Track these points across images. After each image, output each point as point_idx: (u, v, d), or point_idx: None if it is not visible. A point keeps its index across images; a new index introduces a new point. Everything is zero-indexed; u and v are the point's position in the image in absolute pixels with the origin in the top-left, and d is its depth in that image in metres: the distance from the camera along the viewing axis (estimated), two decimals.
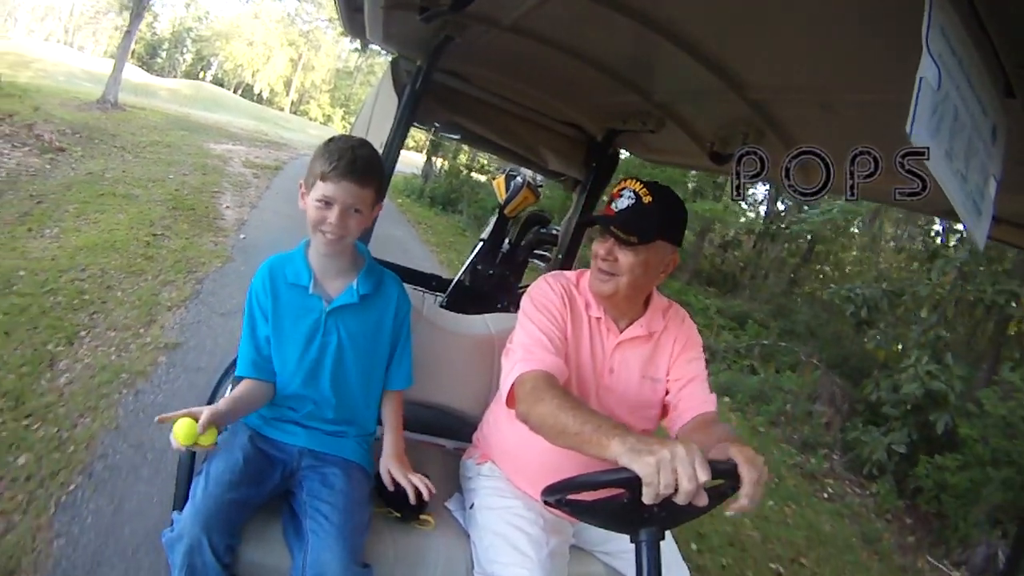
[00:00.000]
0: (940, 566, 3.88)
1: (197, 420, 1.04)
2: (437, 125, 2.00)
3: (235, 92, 37.12)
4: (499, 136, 2.03)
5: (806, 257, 9.22)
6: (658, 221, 1.17)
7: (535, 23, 1.37)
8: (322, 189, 1.13)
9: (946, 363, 4.57)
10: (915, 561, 3.89)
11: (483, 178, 12.54)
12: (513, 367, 1.13)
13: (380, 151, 1.50)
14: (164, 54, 43.58)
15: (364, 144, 1.20)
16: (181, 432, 1.02)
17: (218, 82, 39.07)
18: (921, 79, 0.57)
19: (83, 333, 2.93)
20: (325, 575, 1.05)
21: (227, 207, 6.70)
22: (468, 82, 1.90)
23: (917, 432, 4.54)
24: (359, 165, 1.13)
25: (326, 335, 1.22)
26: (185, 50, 44.69)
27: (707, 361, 1.35)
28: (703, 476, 0.79)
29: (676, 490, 0.79)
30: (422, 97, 1.54)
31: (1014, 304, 4.62)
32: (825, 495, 4.55)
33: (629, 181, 1.19)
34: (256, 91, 42.09)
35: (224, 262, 4.65)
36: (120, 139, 9.22)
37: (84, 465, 2.02)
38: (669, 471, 0.79)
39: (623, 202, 1.17)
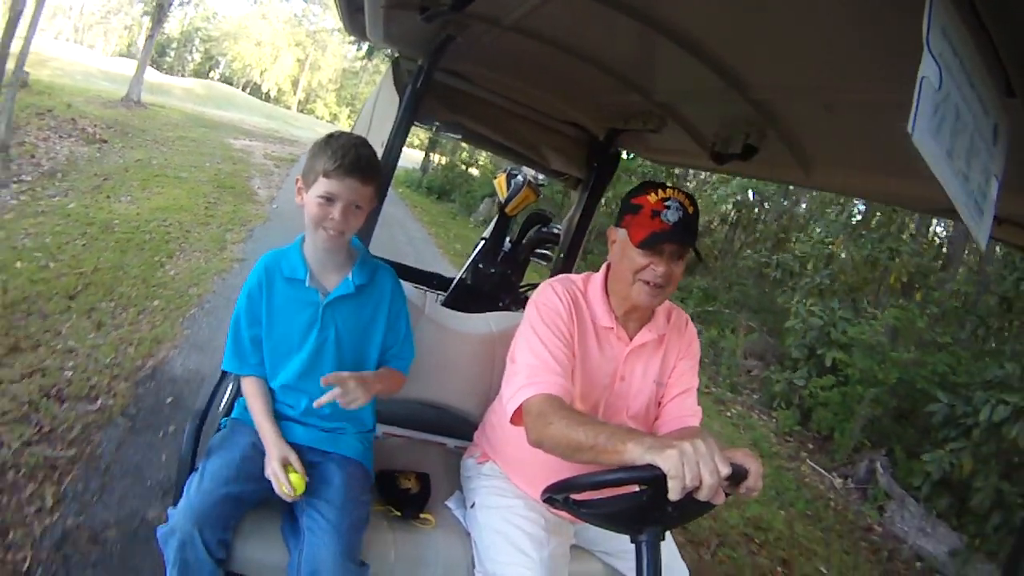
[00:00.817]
0: (821, 471, 4.55)
1: (291, 468, 1.13)
2: (438, 124, 2.00)
3: (243, 90, 37.54)
4: (500, 135, 2.03)
5: (775, 243, 9.67)
6: (698, 229, 1.18)
7: (536, 22, 1.36)
8: (325, 186, 1.13)
9: (831, 307, 5.57)
10: (799, 466, 4.57)
11: (476, 172, 13.95)
12: (518, 391, 1.12)
13: (381, 150, 1.51)
14: (173, 53, 43.90)
15: (364, 142, 1.20)
16: (298, 483, 1.12)
17: (226, 81, 39.48)
18: (922, 79, 0.57)
19: (177, 253, 4.55)
20: (320, 572, 1.05)
21: (259, 188, 8.51)
22: (469, 81, 1.89)
23: (816, 369, 5.41)
24: (362, 163, 1.14)
25: (323, 328, 1.23)
26: (193, 49, 45.02)
27: None
28: (725, 470, 0.79)
29: (700, 484, 0.79)
30: (423, 96, 1.54)
31: (896, 259, 5.70)
32: (728, 415, 5.27)
33: (670, 191, 1.16)
34: (264, 90, 42.46)
35: (264, 221, 6.43)
36: (150, 134, 10.71)
37: (197, 305, 3.60)
38: (693, 463, 0.79)
39: (672, 214, 1.12)
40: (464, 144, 12.01)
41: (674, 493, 0.79)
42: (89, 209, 4.99)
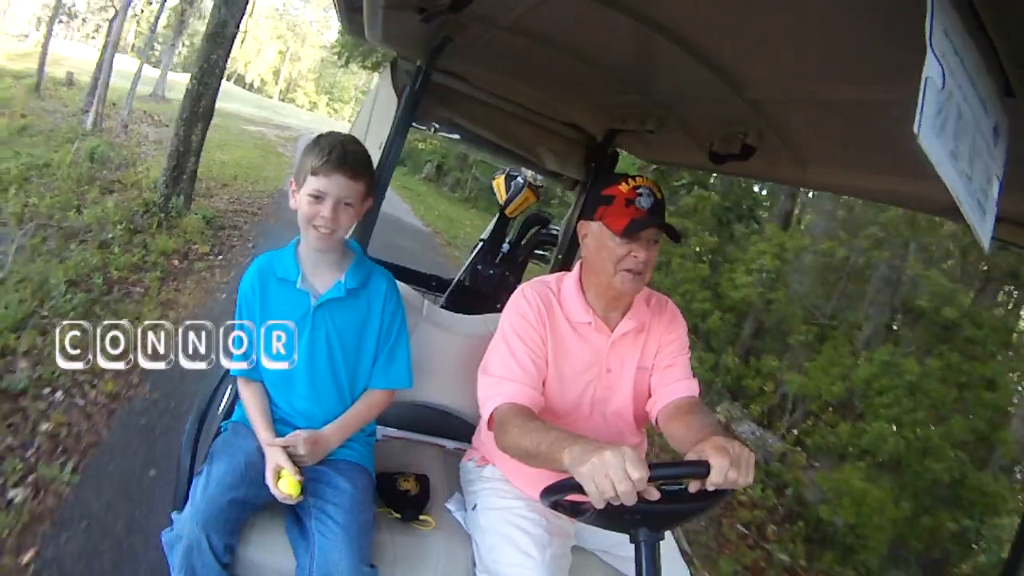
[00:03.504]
0: None
1: (283, 472, 1.12)
2: (436, 125, 1.99)
3: (228, 81, 38.01)
4: (498, 136, 2.02)
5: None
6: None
7: (535, 23, 1.36)
8: (314, 183, 1.13)
9: None
10: None
11: (425, 147, 19.23)
12: (489, 399, 1.17)
13: (380, 151, 1.50)
14: (159, 47, 43.57)
15: (354, 140, 1.21)
16: (292, 488, 1.10)
17: None
18: (926, 79, 0.57)
19: (264, 170, 10.82)
20: (333, 575, 1.05)
21: (284, 152, 14.30)
22: (467, 82, 1.88)
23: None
24: (350, 158, 1.14)
25: (315, 329, 1.22)
26: (181, 43, 44.72)
27: None
28: (636, 474, 0.80)
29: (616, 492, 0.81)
30: (421, 97, 1.53)
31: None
32: None
33: (640, 179, 1.19)
34: (248, 81, 42.60)
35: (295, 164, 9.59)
36: None
37: (279, 187, 9.22)
38: (602, 476, 0.81)
39: (645, 200, 1.16)
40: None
41: (595, 503, 0.83)
42: (205, 157, 9.13)
